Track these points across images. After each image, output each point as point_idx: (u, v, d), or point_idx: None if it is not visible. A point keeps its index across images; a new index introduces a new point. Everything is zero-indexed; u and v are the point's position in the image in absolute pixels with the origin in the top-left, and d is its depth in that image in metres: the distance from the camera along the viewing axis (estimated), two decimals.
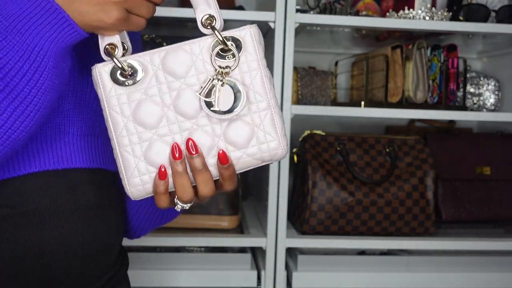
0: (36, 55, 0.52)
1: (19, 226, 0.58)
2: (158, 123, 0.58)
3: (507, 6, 1.31)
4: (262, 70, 0.59)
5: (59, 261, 0.60)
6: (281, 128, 0.60)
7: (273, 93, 0.60)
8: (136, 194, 0.59)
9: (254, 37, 0.58)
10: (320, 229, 1.23)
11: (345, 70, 1.60)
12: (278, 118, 0.59)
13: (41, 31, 0.52)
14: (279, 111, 0.60)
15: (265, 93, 0.59)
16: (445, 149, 1.42)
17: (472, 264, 1.28)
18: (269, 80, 0.60)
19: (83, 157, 0.63)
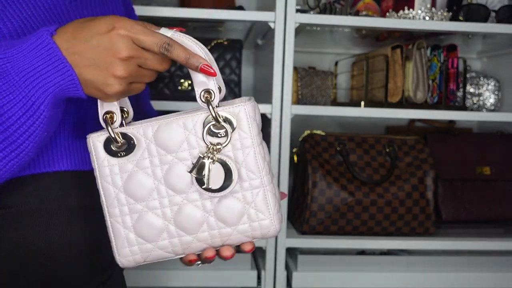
0: (41, 112, 0.53)
1: (10, 226, 0.58)
2: (148, 196, 0.59)
3: (507, 6, 1.31)
4: (255, 147, 0.58)
5: (51, 261, 0.61)
6: (274, 206, 0.59)
7: (266, 171, 0.59)
8: (126, 264, 0.61)
9: (249, 114, 0.57)
10: (320, 229, 1.23)
11: (345, 70, 1.60)
12: (271, 196, 0.59)
13: (48, 89, 0.53)
14: (273, 188, 0.60)
15: (258, 170, 0.58)
16: (445, 149, 1.42)
17: (472, 264, 1.28)
18: (262, 158, 0.59)
19: (74, 160, 0.64)
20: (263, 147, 0.60)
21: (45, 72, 0.52)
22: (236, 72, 1.32)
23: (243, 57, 1.53)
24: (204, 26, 1.37)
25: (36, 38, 0.52)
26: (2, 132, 0.52)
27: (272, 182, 0.59)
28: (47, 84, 0.53)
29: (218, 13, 1.16)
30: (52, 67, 0.52)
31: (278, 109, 1.18)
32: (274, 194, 0.59)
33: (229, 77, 1.31)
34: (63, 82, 0.53)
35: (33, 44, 0.52)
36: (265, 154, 0.59)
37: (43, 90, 0.53)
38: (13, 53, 0.52)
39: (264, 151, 0.60)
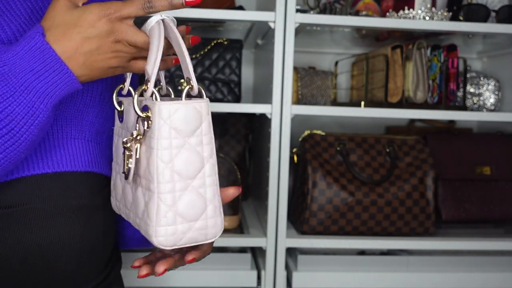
0: (40, 112, 0.54)
1: (8, 226, 0.58)
2: None
3: (507, 6, 1.31)
4: (156, 150, 0.55)
5: (52, 261, 0.61)
6: (156, 217, 0.56)
7: (165, 179, 0.56)
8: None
9: (159, 114, 0.55)
10: (320, 229, 1.23)
11: (345, 70, 1.60)
12: (160, 206, 0.56)
13: (47, 89, 0.54)
14: (169, 200, 0.56)
15: (151, 175, 0.56)
16: (445, 149, 1.42)
17: (472, 264, 1.28)
18: (163, 163, 0.56)
19: (72, 161, 0.64)
20: (183, 156, 0.56)
21: (42, 73, 0.53)
22: (236, 72, 1.32)
23: (243, 57, 1.53)
24: (204, 26, 1.37)
25: (29, 41, 0.53)
26: (5, 134, 0.52)
27: (171, 193, 0.56)
28: (45, 85, 0.54)
29: (218, 13, 1.16)
30: (49, 67, 0.53)
31: (278, 109, 1.18)
32: (168, 205, 0.56)
33: (229, 77, 1.31)
34: (60, 81, 0.54)
35: (26, 46, 0.53)
36: (174, 164, 0.56)
37: (42, 90, 0.53)
38: (8, 56, 0.53)
39: (175, 161, 0.56)
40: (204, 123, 0.57)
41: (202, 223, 0.58)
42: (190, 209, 0.57)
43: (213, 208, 0.58)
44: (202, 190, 0.57)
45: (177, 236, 0.57)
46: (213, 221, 0.58)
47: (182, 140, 0.56)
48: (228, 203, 1.24)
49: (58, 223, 0.61)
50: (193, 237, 0.58)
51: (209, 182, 0.58)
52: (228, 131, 1.52)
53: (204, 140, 0.57)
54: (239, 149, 1.52)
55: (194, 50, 1.30)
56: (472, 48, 1.68)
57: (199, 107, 0.57)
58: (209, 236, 0.58)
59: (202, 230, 0.58)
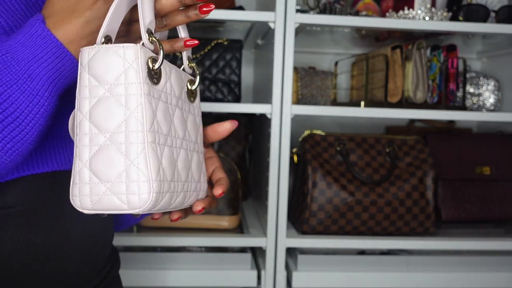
0: (45, 100, 0.53)
1: (8, 226, 0.58)
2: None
3: (506, 6, 1.31)
4: None
5: (50, 262, 0.61)
6: (72, 173, 0.51)
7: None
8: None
9: (80, 60, 0.51)
10: (320, 229, 1.23)
11: (345, 70, 1.61)
12: (76, 161, 0.51)
13: (51, 76, 0.53)
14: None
15: None
16: (445, 149, 1.42)
17: (472, 264, 1.28)
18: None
19: (70, 160, 0.64)
20: (101, 107, 0.51)
21: (45, 60, 0.53)
22: (236, 72, 1.32)
23: (243, 57, 1.53)
24: (204, 26, 1.37)
25: (29, 28, 0.53)
26: (11, 123, 0.52)
27: (87, 147, 0.51)
28: (49, 72, 0.53)
29: (218, 13, 1.16)
30: (51, 53, 0.53)
31: (278, 109, 1.19)
32: (83, 161, 0.51)
33: (229, 77, 1.32)
34: (63, 67, 0.54)
35: (27, 34, 0.53)
36: (92, 114, 0.51)
37: (46, 77, 0.53)
38: (10, 44, 0.52)
39: (92, 112, 0.51)
40: (129, 70, 0.50)
41: (120, 186, 0.49)
42: (106, 168, 0.49)
43: (135, 171, 0.49)
44: (123, 147, 0.50)
45: (92, 198, 0.50)
46: (135, 186, 0.49)
47: (102, 89, 0.50)
48: (228, 203, 1.24)
49: (57, 222, 0.61)
50: (110, 202, 0.49)
51: (133, 138, 0.50)
52: None
53: (129, 89, 0.50)
54: (239, 149, 1.52)
55: (195, 50, 1.30)
56: (471, 48, 1.68)
57: (122, 52, 0.50)
58: (131, 203, 0.49)
59: (121, 194, 0.49)
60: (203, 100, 1.31)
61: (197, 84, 0.65)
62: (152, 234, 1.19)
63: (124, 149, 0.50)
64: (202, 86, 1.32)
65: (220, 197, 1.22)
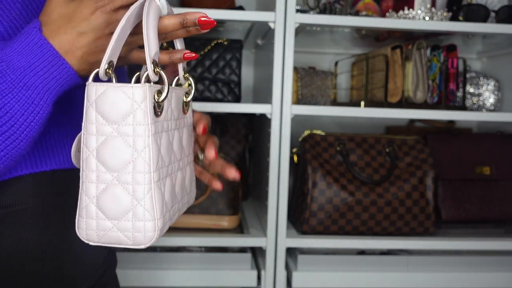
0: (40, 108, 0.53)
1: (7, 226, 0.58)
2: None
3: (506, 6, 1.31)
4: None
5: (48, 260, 0.61)
6: (78, 206, 0.52)
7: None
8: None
9: (87, 96, 0.51)
10: (320, 229, 1.23)
11: (345, 70, 1.61)
12: (82, 196, 0.52)
13: (47, 85, 0.53)
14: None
15: None
16: (445, 149, 1.42)
17: (472, 264, 1.28)
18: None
19: (68, 159, 0.64)
20: (109, 145, 0.52)
21: (41, 68, 0.52)
22: (236, 72, 1.32)
23: (243, 57, 1.53)
24: None
25: (26, 37, 0.53)
26: (4, 132, 0.52)
27: (94, 183, 0.52)
28: (44, 81, 0.53)
29: (218, 13, 1.16)
30: (47, 62, 0.53)
31: (278, 109, 1.19)
32: (89, 196, 0.52)
33: (229, 77, 1.32)
34: (59, 76, 0.54)
35: (23, 42, 0.52)
36: (99, 152, 0.52)
37: (42, 86, 0.53)
38: (6, 53, 0.52)
39: (100, 150, 0.52)
40: (137, 111, 0.50)
41: (127, 224, 0.51)
42: (113, 206, 0.51)
43: (141, 210, 0.51)
44: (130, 187, 0.51)
45: (98, 233, 0.51)
46: (141, 225, 0.51)
47: (109, 127, 0.51)
48: (228, 203, 1.24)
49: (56, 222, 0.61)
50: (117, 237, 0.51)
51: (140, 179, 0.51)
52: (228, 131, 1.52)
53: (136, 130, 0.50)
54: (239, 149, 1.52)
55: (195, 50, 1.30)
56: (471, 48, 1.68)
57: (130, 93, 0.50)
58: (136, 240, 0.51)
59: (127, 232, 0.51)
60: (203, 100, 1.31)
61: (191, 96, 0.65)
62: None
63: (131, 189, 0.51)
64: (202, 86, 1.32)
65: (221, 196, 1.23)
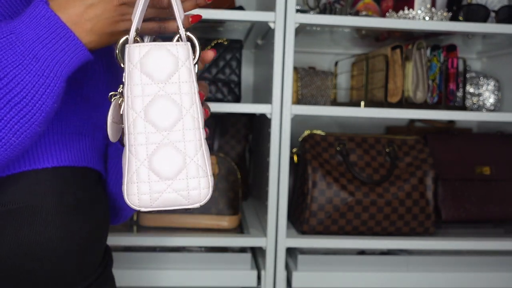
0: (51, 80, 0.53)
1: (7, 224, 0.58)
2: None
3: (506, 6, 1.31)
4: None
5: (48, 259, 0.61)
6: (126, 172, 0.52)
7: None
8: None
9: (130, 57, 0.52)
10: (320, 229, 1.23)
11: (345, 70, 1.60)
12: (132, 160, 0.51)
13: (56, 57, 0.53)
14: None
15: (125, 126, 0.52)
16: (445, 149, 1.42)
17: (472, 264, 1.28)
18: None
19: (70, 156, 0.64)
20: (157, 105, 0.51)
21: (49, 41, 0.52)
22: (236, 72, 1.32)
23: (243, 57, 1.53)
24: (204, 26, 1.37)
25: (33, 9, 0.53)
26: (18, 103, 0.52)
27: (144, 145, 0.51)
28: (54, 53, 0.53)
29: (218, 13, 1.16)
30: (55, 34, 0.53)
31: (278, 109, 1.19)
32: (140, 159, 0.51)
33: (229, 77, 1.32)
34: (68, 48, 0.53)
35: (31, 15, 0.52)
36: (147, 112, 0.52)
37: (51, 58, 0.53)
38: (14, 25, 0.52)
39: (148, 110, 0.52)
40: (182, 69, 0.51)
41: (181, 183, 0.51)
42: (166, 166, 0.50)
43: (195, 167, 0.51)
44: (181, 145, 0.50)
45: (152, 196, 0.50)
46: (196, 182, 0.51)
47: (156, 87, 0.51)
48: (228, 203, 1.24)
49: (56, 219, 0.61)
50: (171, 198, 0.51)
51: (190, 136, 0.51)
52: (228, 131, 1.52)
53: (182, 88, 0.51)
54: (239, 149, 1.52)
55: None
56: (471, 48, 1.68)
57: (175, 51, 0.51)
58: (192, 199, 0.51)
59: (182, 191, 0.51)
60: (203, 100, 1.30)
61: (197, 59, 0.61)
62: (152, 234, 1.19)
63: (183, 147, 0.50)
64: None
65: (221, 196, 1.23)
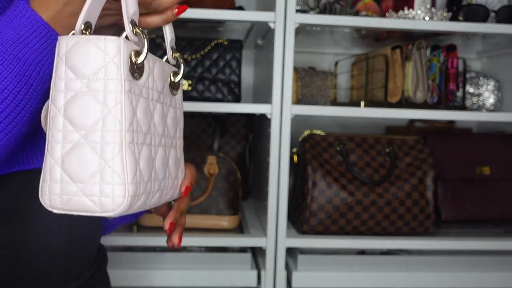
0: (33, 80, 0.53)
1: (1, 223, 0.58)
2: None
3: (506, 7, 1.31)
4: None
5: (40, 259, 0.60)
6: (43, 170, 0.49)
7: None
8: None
9: (58, 50, 0.49)
10: (320, 229, 1.23)
11: (345, 70, 1.61)
12: (47, 158, 0.48)
13: (37, 56, 0.53)
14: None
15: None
16: (445, 149, 1.42)
17: (472, 264, 1.28)
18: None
19: None
20: (78, 102, 0.48)
21: (30, 40, 0.53)
22: (236, 72, 1.32)
23: (243, 57, 1.53)
24: (204, 26, 1.37)
25: (13, 9, 0.53)
26: (0, 102, 0.52)
27: (60, 144, 0.48)
28: (35, 52, 0.53)
29: (218, 13, 1.16)
30: (36, 33, 0.53)
31: (278, 109, 1.19)
32: (55, 158, 0.49)
33: (229, 77, 1.32)
34: (50, 46, 0.54)
35: (12, 15, 0.52)
36: (67, 109, 0.49)
37: (33, 58, 0.53)
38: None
39: (68, 107, 0.48)
40: (110, 65, 0.47)
41: (93, 188, 0.47)
42: (80, 167, 0.47)
43: (110, 172, 0.47)
44: (98, 147, 0.47)
45: (63, 198, 0.47)
46: (109, 189, 0.47)
47: (79, 83, 0.48)
48: (228, 203, 1.24)
49: (47, 219, 0.61)
50: (82, 203, 0.47)
51: (109, 138, 0.47)
52: (228, 131, 1.52)
53: (108, 86, 0.47)
54: (239, 149, 1.52)
55: (195, 50, 1.30)
56: (471, 48, 1.68)
57: (103, 45, 0.47)
58: (104, 206, 0.47)
59: (93, 196, 0.47)
60: (203, 100, 1.31)
61: (180, 76, 0.62)
62: (152, 234, 1.19)
63: (99, 149, 0.47)
64: (202, 86, 1.32)
65: (221, 196, 1.23)
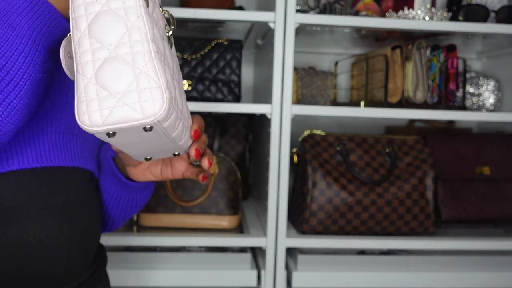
0: (30, 48, 0.53)
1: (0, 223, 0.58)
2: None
3: (506, 7, 1.31)
4: None
5: (38, 259, 0.60)
6: (76, 93, 0.49)
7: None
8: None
9: None
10: (320, 229, 1.23)
11: (345, 70, 1.61)
12: (79, 79, 0.49)
13: (32, 25, 0.53)
14: None
15: None
16: (445, 149, 1.42)
17: (472, 264, 1.28)
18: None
19: (61, 156, 0.64)
20: (100, 21, 0.50)
21: (23, 9, 0.53)
22: (236, 72, 1.32)
23: (243, 57, 1.53)
24: (204, 26, 1.37)
25: None
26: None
27: (90, 63, 0.49)
28: (29, 21, 0.53)
29: (218, 13, 1.16)
30: (29, 2, 0.53)
31: (278, 109, 1.19)
32: (87, 77, 0.49)
33: (229, 77, 1.32)
34: (42, 16, 0.54)
35: None
36: (91, 29, 0.50)
37: (27, 26, 0.53)
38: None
39: (92, 26, 0.50)
40: None
41: (132, 95, 0.48)
42: (114, 79, 0.48)
43: (145, 78, 0.48)
44: (129, 58, 0.48)
45: (102, 113, 0.47)
46: (148, 93, 0.48)
47: (98, 4, 0.49)
48: (228, 203, 1.24)
49: (45, 219, 0.61)
50: (124, 112, 0.47)
51: (139, 47, 0.49)
52: (228, 131, 1.52)
53: (127, 2, 0.49)
54: (239, 149, 1.52)
55: (195, 50, 1.30)
56: (471, 48, 1.68)
57: None
58: (145, 112, 0.48)
59: (134, 104, 0.47)
60: (203, 100, 1.31)
61: (172, 32, 0.61)
62: (152, 234, 1.19)
63: (131, 59, 0.48)
64: (202, 86, 1.32)
65: (221, 196, 1.23)
